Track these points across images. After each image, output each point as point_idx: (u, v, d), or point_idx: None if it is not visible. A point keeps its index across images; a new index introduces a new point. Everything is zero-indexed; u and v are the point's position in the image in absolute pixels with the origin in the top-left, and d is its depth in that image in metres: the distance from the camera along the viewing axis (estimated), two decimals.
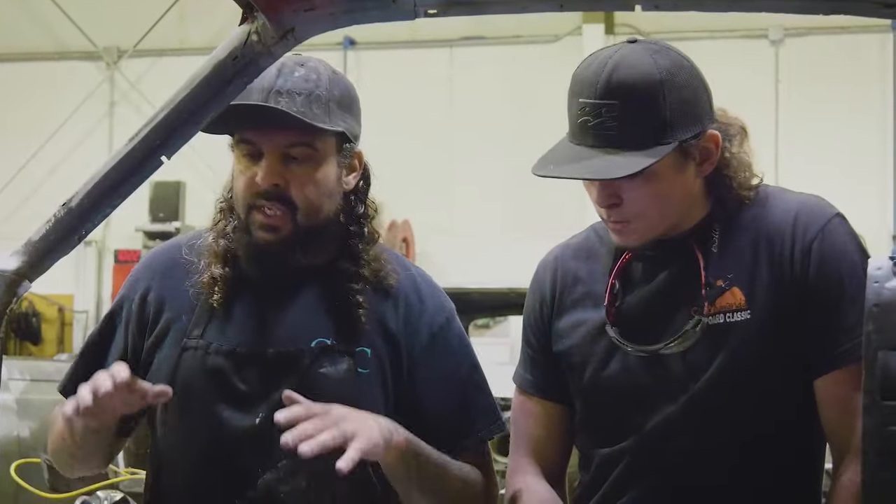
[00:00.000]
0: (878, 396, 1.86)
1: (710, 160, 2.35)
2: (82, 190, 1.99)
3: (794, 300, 2.30)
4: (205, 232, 2.56)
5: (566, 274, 2.54)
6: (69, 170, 14.37)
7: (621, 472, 2.41)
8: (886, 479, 1.84)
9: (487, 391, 2.56)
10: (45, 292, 14.13)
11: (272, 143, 2.39)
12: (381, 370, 2.45)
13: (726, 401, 2.32)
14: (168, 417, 2.47)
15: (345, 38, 14.35)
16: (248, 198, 2.41)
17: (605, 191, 2.33)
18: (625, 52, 2.30)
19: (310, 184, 2.42)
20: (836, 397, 2.27)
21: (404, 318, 2.50)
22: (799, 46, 13.49)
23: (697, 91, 2.32)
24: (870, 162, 13.09)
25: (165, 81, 12.83)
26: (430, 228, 13.99)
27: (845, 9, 1.88)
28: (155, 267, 2.59)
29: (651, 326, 2.39)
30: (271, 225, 2.40)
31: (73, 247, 2.04)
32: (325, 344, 2.43)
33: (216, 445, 2.40)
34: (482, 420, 2.54)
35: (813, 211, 2.35)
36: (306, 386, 2.37)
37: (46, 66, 15.49)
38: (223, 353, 2.43)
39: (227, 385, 2.42)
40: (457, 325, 2.57)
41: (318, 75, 2.44)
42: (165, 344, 2.49)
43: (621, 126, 2.25)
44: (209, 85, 1.96)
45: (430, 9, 1.90)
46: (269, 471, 2.38)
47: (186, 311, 2.50)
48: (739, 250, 2.36)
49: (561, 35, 13.90)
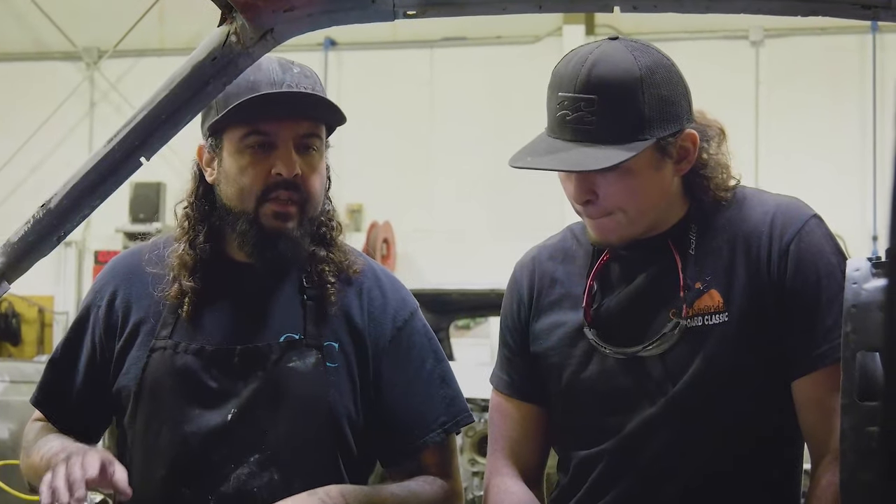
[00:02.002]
0: (857, 397, 1.87)
1: (687, 159, 2.35)
2: (62, 191, 1.99)
3: (771, 302, 2.31)
4: (165, 241, 2.57)
5: (543, 275, 2.54)
6: (49, 170, 14.32)
7: (600, 473, 2.41)
8: (865, 480, 1.85)
9: (452, 384, 2.59)
10: (24, 293, 14.07)
11: (290, 132, 2.42)
12: (347, 364, 2.48)
13: (704, 403, 2.32)
14: (139, 417, 2.47)
15: (325, 39, 14.32)
16: (261, 189, 2.43)
17: (581, 186, 2.33)
18: (605, 49, 2.31)
19: (317, 175, 2.48)
20: (815, 399, 2.27)
21: (368, 312, 2.53)
22: (779, 47, 13.51)
23: (677, 89, 2.33)
24: (850, 162, 13.12)
25: (145, 82, 12.81)
26: (411, 229, 13.98)
27: (824, 10, 1.88)
28: (119, 272, 2.60)
29: (629, 328, 2.39)
30: (285, 212, 2.43)
31: (52, 247, 2.04)
32: (292, 339, 2.45)
33: (188, 443, 2.41)
34: (447, 413, 2.56)
35: (790, 212, 2.36)
36: (275, 381, 2.41)
37: (26, 65, 15.43)
38: (192, 351, 2.45)
39: (197, 383, 2.43)
40: (420, 319, 2.60)
41: (311, 72, 2.49)
42: (135, 346, 2.50)
43: (599, 120, 2.26)
44: (188, 86, 1.95)
45: (410, 10, 1.91)
46: (241, 466, 2.39)
47: (154, 312, 2.51)
48: (717, 251, 2.37)
49: (541, 36, 13.90)
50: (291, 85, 2.41)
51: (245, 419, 2.40)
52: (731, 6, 1.94)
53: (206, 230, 2.50)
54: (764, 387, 2.33)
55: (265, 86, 2.38)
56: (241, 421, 2.40)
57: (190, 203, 2.54)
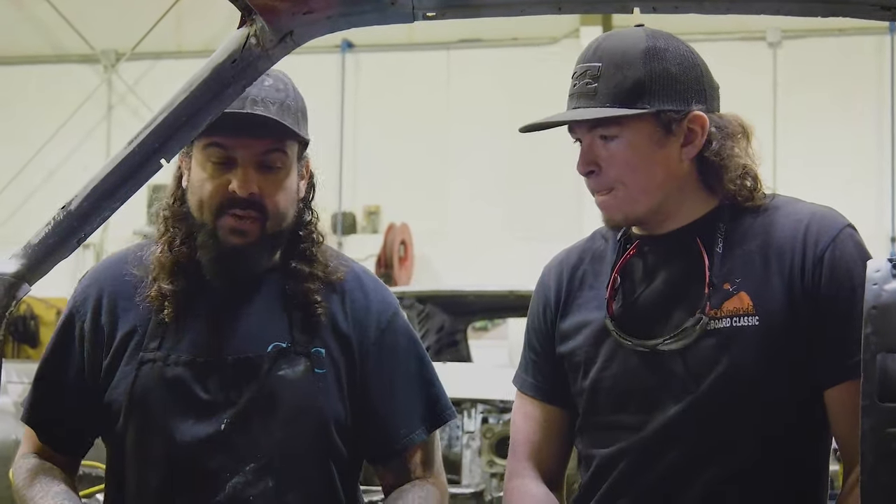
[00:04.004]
0: (877, 398, 1.86)
1: (694, 143, 2.36)
2: (82, 193, 1.99)
3: (804, 310, 2.30)
4: (150, 243, 2.57)
5: (573, 277, 2.55)
6: (67, 173, 14.38)
7: (621, 472, 2.40)
8: (884, 482, 1.84)
9: (435, 382, 2.62)
10: (43, 295, 14.12)
11: (249, 151, 2.41)
12: (335, 369, 2.50)
13: (730, 405, 2.31)
14: (129, 430, 2.46)
15: (343, 41, 14.36)
16: (218, 204, 2.42)
17: (584, 156, 2.37)
18: (625, 29, 2.41)
19: (281, 192, 2.45)
20: (848, 408, 2.24)
21: (352, 315, 2.55)
22: (797, 48, 13.50)
23: (688, 72, 2.36)
24: (868, 164, 13.09)
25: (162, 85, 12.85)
26: (428, 231, 13.99)
27: (843, 11, 1.88)
28: (102, 281, 2.58)
29: (651, 322, 2.39)
30: (242, 229, 2.42)
31: (72, 250, 2.04)
32: (281, 347, 2.46)
33: (182, 454, 2.41)
34: (431, 411, 2.60)
35: (824, 221, 2.35)
36: (266, 389, 2.43)
37: (44, 68, 15.49)
38: (182, 363, 2.45)
39: (189, 394, 2.43)
40: (402, 319, 2.62)
41: (285, 85, 2.47)
42: (123, 359, 2.49)
43: (600, 85, 2.33)
44: (208, 88, 1.96)
45: (429, 12, 1.91)
46: (237, 475, 2.40)
47: (141, 323, 2.50)
48: (748, 255, 2.36)
49: (559, 37, 13.90)
50: (257, 99, 2.38)
51: (239, 428, 2.41)
52: (751, 6, 1.94)
53: (184, 233, 2.48)
54: (790, 392, 2.32)
55: None
56: (236, 430, 2.40)
57: (168, 205, 2.54)
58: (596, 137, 2.35)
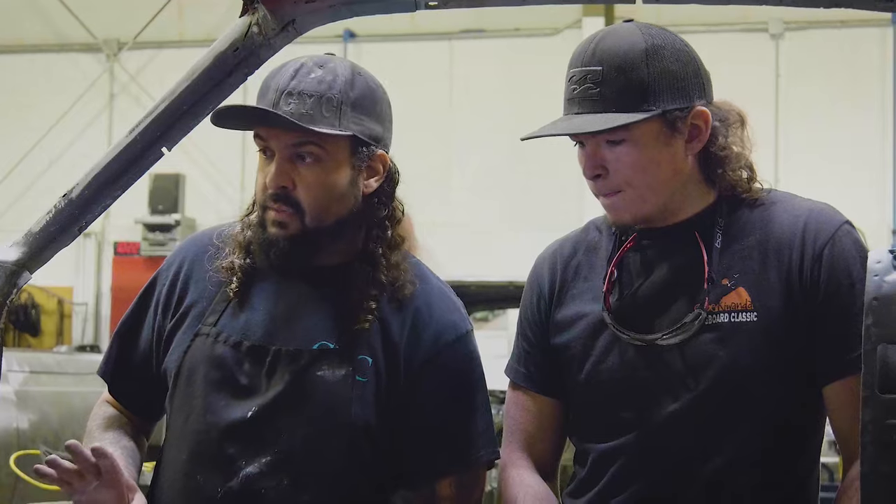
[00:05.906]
0: (877, 389, 1.86)
1: (699, 138, 2.36)
2: (83, 181, 2.00)
3: (802, 306, 2.30)
4: (239, 222, 2.58)
5: (567, 268, 2.54)
6: (69, 161, 14.38)
7: (620, 468, 2.39)
8: (885, 472, 1.84)
9: (484, 418, 2.52)
10: (44, 284, 14.14)
11: (280, 143, 2.39)
12: (378, 379, 2.43)
13: (728, 400, 2.31)
14: (175, 399, 2.49)
15: (345, 31, 14.35)
16: (263, 197, 2.43)
17: (590, 160, 2.35)
18: (616, 27, 2.39)
19: (317, 186, 2.40)
20: (848, 403, 2.24)
21: (410, 329, 2.47)
22: (799, 40, 13.48)
23: (687, 67, 2.35)
24: (869, 155, 13.08)
25: (164, 74, 12.86)
26: (430, 221, 13.98)
27: (845, 2, 1.88)
28: (187, 251, 2.61)
29: (650, 316, 2.39)
30: (281, 220, 2.41)
31: (73, 238, 2.04)
32: (326, 347, 2.42)
33: (209, 432, 2.42)
34: (472, 446, 2.49)
35: (822, 218, 2.35)
36: (299, 385, 2.40)
37: (46, 57, 15.50)
38: (230, 343, 2.44)
39: (229, 376, 2.43)
40: (466, 346, 2.52)
41: (334, 77, 2.42)
42: (182, 328, 2.51)
43: (603, 90, 2.30)
44: (210, 76, 1.96)
45: (431, 0, 1.91)
46: (251, 464, 2.38)
47: (207, 296, 2.52)
48: (746, 251, 2.36)
49: (561, 28, 13.89)
50: (293, 92, 2.35)
51: (264, 419, 2.39)
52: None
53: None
54: (787, 386, 2.32)
55: (272, 91, 2.36)
56: (260, 420, 2.39)
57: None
58: (602, 141, 2.34)
